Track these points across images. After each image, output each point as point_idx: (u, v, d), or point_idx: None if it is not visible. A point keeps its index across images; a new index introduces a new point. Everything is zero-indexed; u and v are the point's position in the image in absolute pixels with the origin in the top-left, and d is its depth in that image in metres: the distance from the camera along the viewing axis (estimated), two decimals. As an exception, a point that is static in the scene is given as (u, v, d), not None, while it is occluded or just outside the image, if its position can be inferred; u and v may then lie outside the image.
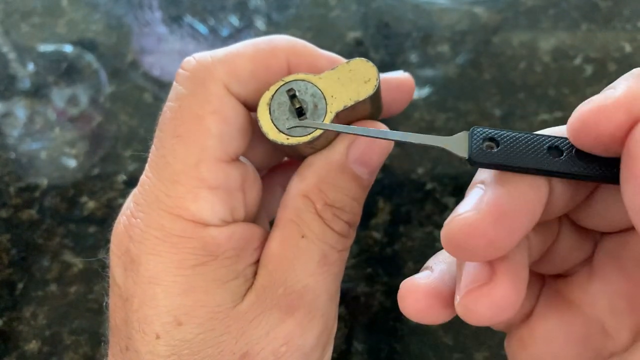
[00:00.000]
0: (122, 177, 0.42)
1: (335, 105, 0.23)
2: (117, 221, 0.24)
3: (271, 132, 0.22)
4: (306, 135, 0.22)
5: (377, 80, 0.22)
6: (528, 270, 0.19)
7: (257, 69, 0.23)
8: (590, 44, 0.47)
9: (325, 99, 0.23)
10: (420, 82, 0.46)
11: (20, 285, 0.39)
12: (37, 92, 0.47)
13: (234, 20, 0.50)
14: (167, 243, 0.22)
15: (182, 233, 0.22)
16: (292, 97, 0.22)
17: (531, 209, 0.18)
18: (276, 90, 0.23)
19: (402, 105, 0.27)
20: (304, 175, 0.24)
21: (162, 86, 0.47)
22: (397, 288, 0.21)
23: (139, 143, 0.44)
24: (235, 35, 0.49)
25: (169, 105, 0.23)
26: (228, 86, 0.23)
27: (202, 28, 0.50)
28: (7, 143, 0.45)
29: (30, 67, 0.48)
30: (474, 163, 0.18)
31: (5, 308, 0.38)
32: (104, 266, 0.25)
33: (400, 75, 0.27)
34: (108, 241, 0.24)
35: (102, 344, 0.25)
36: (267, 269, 0.23)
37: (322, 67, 0.24)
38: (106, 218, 0.41)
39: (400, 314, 0.20)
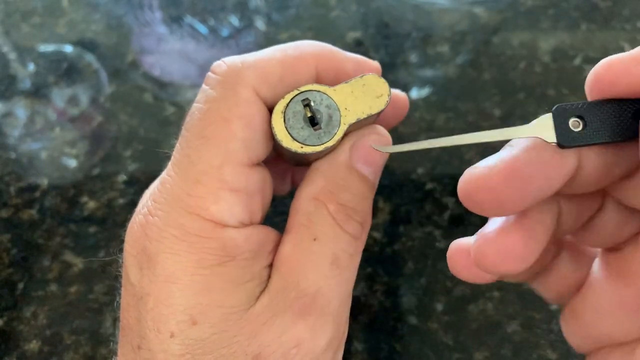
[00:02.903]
0: (122, 177, 0.42)
1: (349, 117, 0.23)
2: (132, 221, 0.24)
3: (285, 139, 0.23)
4: (320, 144, 0.23)
5: (388, 96, 0.23)
6: (549, 232, 0.20)
7: (286, 74, 0.23)
8: (590, 44, 0.47)
9: (339, 111, 0.23)
10: (420, 82, 0.46)
11: (20, 285, 0.39)
12: (38, 92, 0.47)
13: (234, 20, 0.50)
14: (185, 242, 0.22)
15: (201, 232, 0.22)
16: (307, 106, 0.23)
17: (548, 177, 0.18)
18: (291, 99, 0.23)
19: (395, 120, 0.28)
20: (312, 179, 0.24)
21: (162, 86, 0.47)
22: (397, 288, 0.21)
23: (139, 143, 0.44)
24: (235, 35, 0.49)
25: (197, 107, 0.23)
26: (258, 91, 0.23)
27: (202, 28, 0.50)
28: (7, 143, 0.45)
29: (31, 67, 0.48)
30: (564, 147, 0.18)
31: (6, 308, 0.38)
32: (105, 266, 0.25)
33: (396, 93, 0.27)
34: (109, 241, 0.24)
35: (103, 343, 0.25)
36: (280, 272, 0.23)
37: (349, 70, 0.25)
38: (106, 218, 0.41)
39: (400, 313, 0.20)
